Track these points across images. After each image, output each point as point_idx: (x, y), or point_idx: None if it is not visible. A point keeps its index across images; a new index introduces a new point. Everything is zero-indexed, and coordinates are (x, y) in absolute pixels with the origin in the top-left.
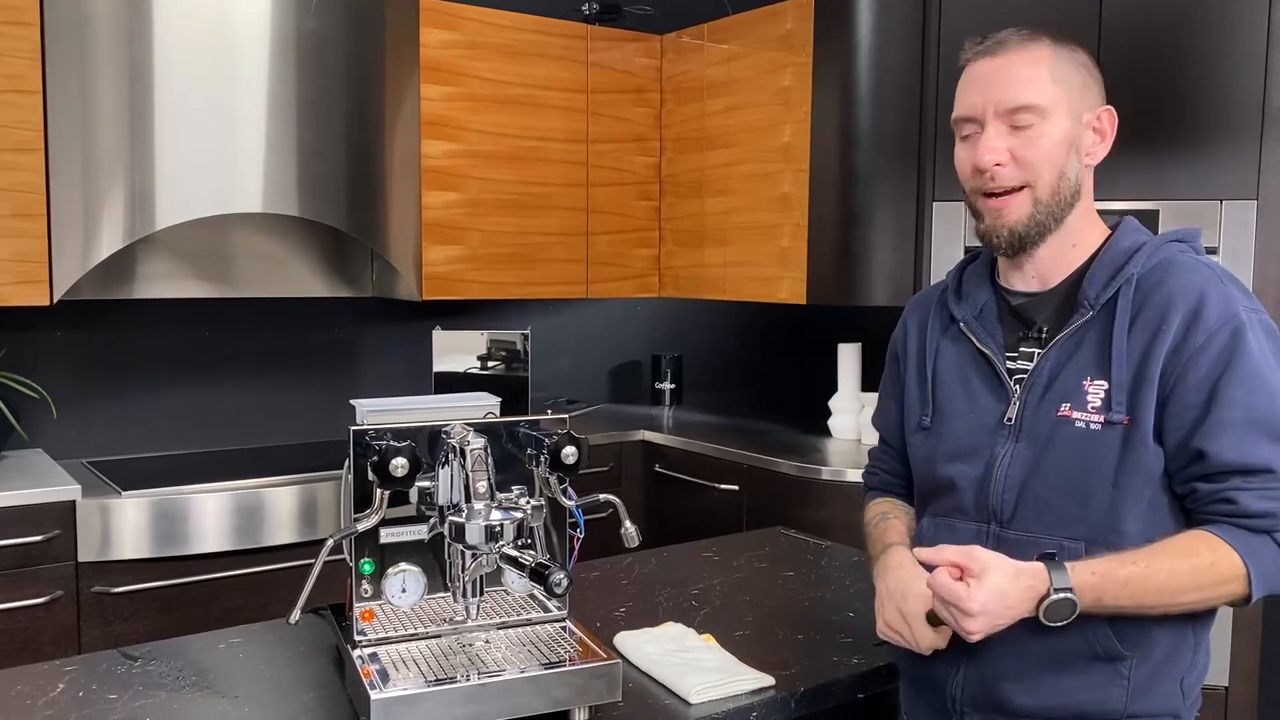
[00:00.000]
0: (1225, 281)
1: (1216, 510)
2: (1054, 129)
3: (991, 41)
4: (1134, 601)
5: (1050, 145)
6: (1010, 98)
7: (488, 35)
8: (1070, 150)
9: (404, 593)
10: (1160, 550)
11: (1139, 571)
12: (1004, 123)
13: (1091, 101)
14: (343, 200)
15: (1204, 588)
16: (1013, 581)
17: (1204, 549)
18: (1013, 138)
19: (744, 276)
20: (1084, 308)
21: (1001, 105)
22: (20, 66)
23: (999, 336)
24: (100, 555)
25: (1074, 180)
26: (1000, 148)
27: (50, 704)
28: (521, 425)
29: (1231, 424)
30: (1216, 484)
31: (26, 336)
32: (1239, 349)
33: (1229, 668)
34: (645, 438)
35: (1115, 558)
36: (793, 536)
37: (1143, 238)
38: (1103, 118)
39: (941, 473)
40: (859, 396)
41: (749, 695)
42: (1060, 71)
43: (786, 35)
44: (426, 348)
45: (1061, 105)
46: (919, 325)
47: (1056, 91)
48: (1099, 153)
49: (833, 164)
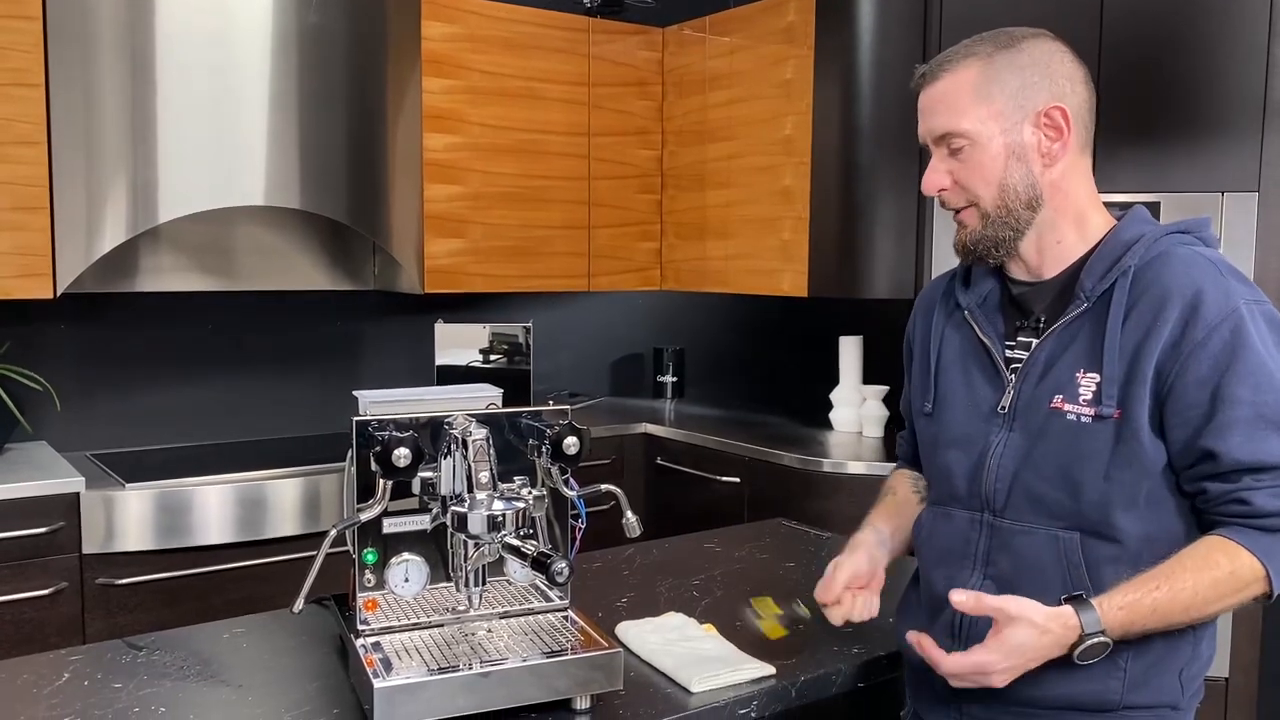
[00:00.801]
0: (1225, 274)
1: (1229, 511)
2: (985, 147)
3: (926, 68)
4: (1162, 624)
5: (982, 164)
6: (936, 126)
7: (489, 28)
8: (1011, 160)
9: (407, 582)
10: (1180, 567)
11: (1163, 597)
12: (943, 148)
13: (1038, 101)
14: (344, 193)
15: (1226, 597)
16: (1039, 637)
17: (1221, 559)
18: (953, 160)
19: (745, 269)
20: (1080, 299)
21: (932, 134)
22: (23, 60)
23: (999, 325)
24: (104, 547)
25: (1025, 187)
26: (941, 173)
27: (56, 692)
28: (523, 416)
29: (1239, 422)
30: (1228, 484)
31: (30, 329)
32: (1241, 344)
33: (1229, 659)
34: (647, 430)
35: (1138, 585)
36: (794, 528)
37: (1144, 228)
38: (1053, 114)
39: (940, 459)
40: (860, 389)
41: (750, 684)
42: (988, 87)
43: (788, 28)
44: (428, 341)
45: (990, 121)
46: (926, 313)
47: (981, 110)
48: (1057, 151)
49: (834, 157)
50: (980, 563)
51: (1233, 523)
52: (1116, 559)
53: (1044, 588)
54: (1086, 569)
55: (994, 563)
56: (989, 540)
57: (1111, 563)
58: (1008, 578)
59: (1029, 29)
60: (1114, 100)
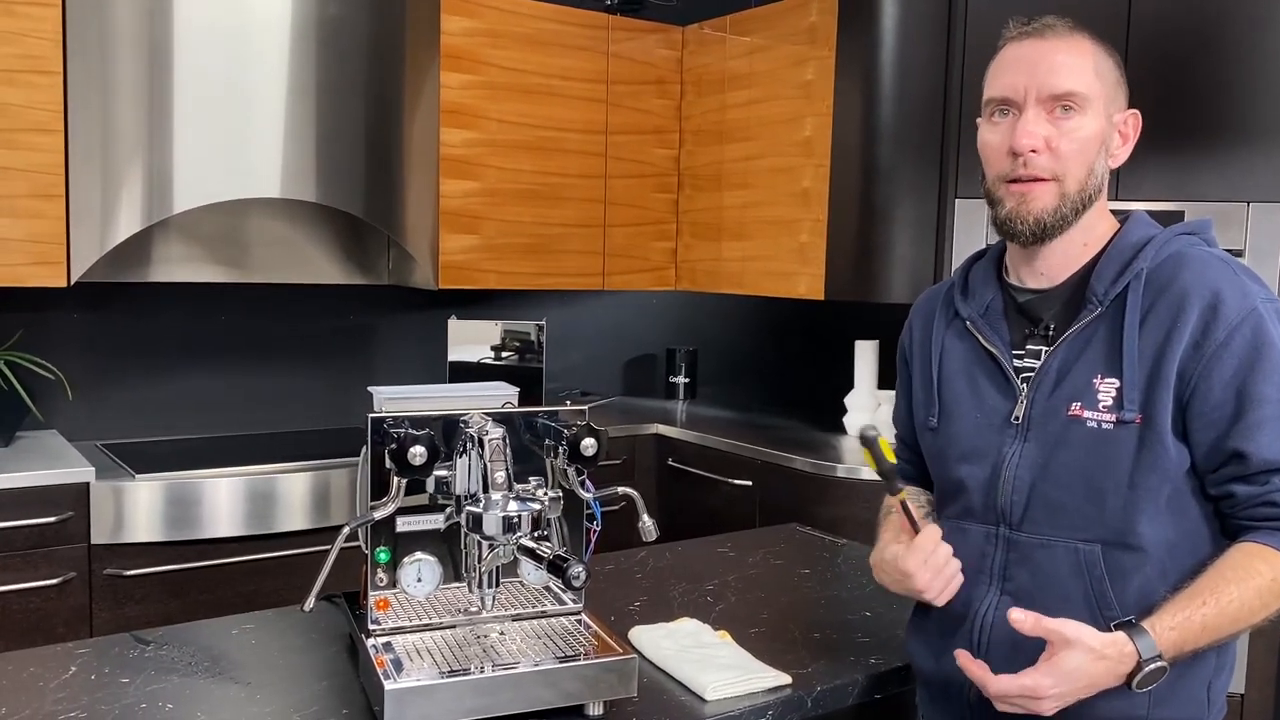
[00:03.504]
0: (1239, 273)
1: (1259, 515)
2: (1091, 124)
3: (1038, 24)
4: (1210, 640)
5: (1086, 140)
6: (1057, 83)
7: (509, 24)
8: (1101, 148)
9: (419, 582)
10: (1221, 579)
11: (1212, 612)
12: (1044, 109)
13: (1121, 103)
14: (360, 187)
15: (1270, 605)
16: (1094, 663)
17: (1262, 567)
18: (1051, 126)
19: (762, 271)
20: (1092, 303)
21: (1045, 90)
22: (41, 47)
23: (1005, 334)
24: (113, 538)
25: (1099, 178)
26: (1039, 133)
27: (63, 686)
28: (540, 416)
29: (1267, 421)
30: (1257, 486)
31: (43, 318)
32: (1263, 343)
33: (1245, 675)
34: (659, 431)
35: (1184, 602)
36: (808, 534)
37: (1151, 231)
38: (1129, 121)
39: (952, 474)
40: (875, 394)
41: (765, 694)
42: (1101, 67)
43: (810, 28)
44: (441, 337)
45: (1099, 101)
46: (924, 324)
47: (1098, 86)
48: (1121, 155)
49: (854, 159)
50: (997, 578)
51: (1263, 526)
52: (1139, 568)
53: (1065, 600)
54: (1109, 580)
55: (1011, 577)
56: (1006, 554)
57: (1135, 572)
58: (1028, 592)
59: None
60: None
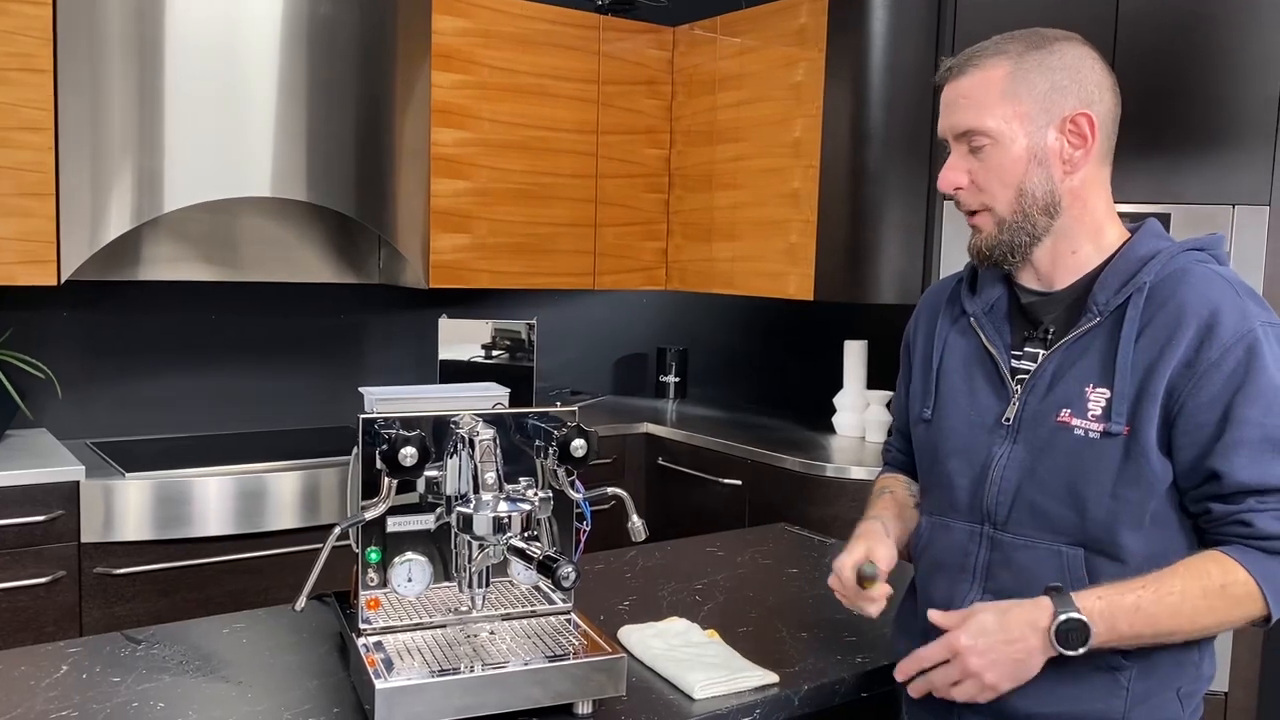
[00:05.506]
0: (1241, 295)
1: (1232, 532)
2: (1007, 149)
3: (953, 62)
4: (1151, 629)
5: (1003, 166)
6: (957, 122)
7: (500, 23)
8: (1032, 164)
9: (410, 582)
10: (1169, 573)
11: (1147, 596)
12: (963, 145)
13: (1066, 106)
14: (351, 186)
15: (1218, 610)
16: (1002, 616)
17: (1214, 570)
18: (973, 159)
19: (751, 271)
20: (1092, 313)
21: (953, 130)
22: (31, 45)
23: (1006, 334)
24: (103, 536)
25: (1043, 193)
26: (959, 171)
27: (54, 685)
28: (531, 417)
29: (1246, 443)
30: (1231, 505)
31: (33, 316)
32: (1254, 366)
33: (1229, 674)
34: (649, 431)
35: (1120, 584)
36: (796, 533)
37: (1160, 244)
38: (1079, 121)
39: (940, 469)
40: (864, 394)
41: (753, 692)
42: (1017, 86)
43: (800, 30)
44: (432, 336)
45: (1015, 122)
46: (930, 316)
47: (1007, 110)
48: (1080, 158)
49: (843, 160)
50: (980, 576)
51: (1235, 542)
52: (1120, 576)
53: None
54: (1091, 584)
55: (994, 576)
56: (989, 553)
57: (1116, 578)
58: (1009, 591)
59: (1061, 31)
60: (1126, 109)
